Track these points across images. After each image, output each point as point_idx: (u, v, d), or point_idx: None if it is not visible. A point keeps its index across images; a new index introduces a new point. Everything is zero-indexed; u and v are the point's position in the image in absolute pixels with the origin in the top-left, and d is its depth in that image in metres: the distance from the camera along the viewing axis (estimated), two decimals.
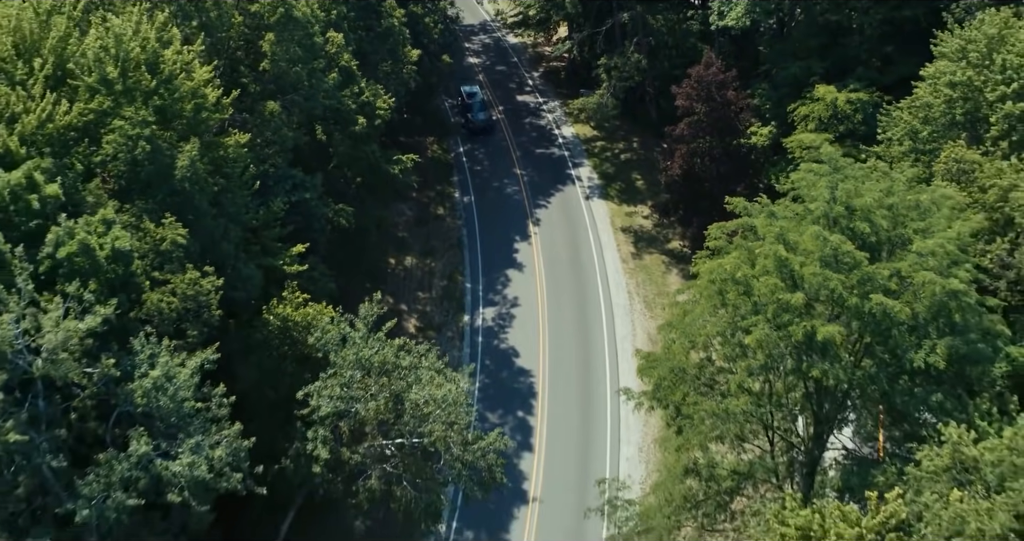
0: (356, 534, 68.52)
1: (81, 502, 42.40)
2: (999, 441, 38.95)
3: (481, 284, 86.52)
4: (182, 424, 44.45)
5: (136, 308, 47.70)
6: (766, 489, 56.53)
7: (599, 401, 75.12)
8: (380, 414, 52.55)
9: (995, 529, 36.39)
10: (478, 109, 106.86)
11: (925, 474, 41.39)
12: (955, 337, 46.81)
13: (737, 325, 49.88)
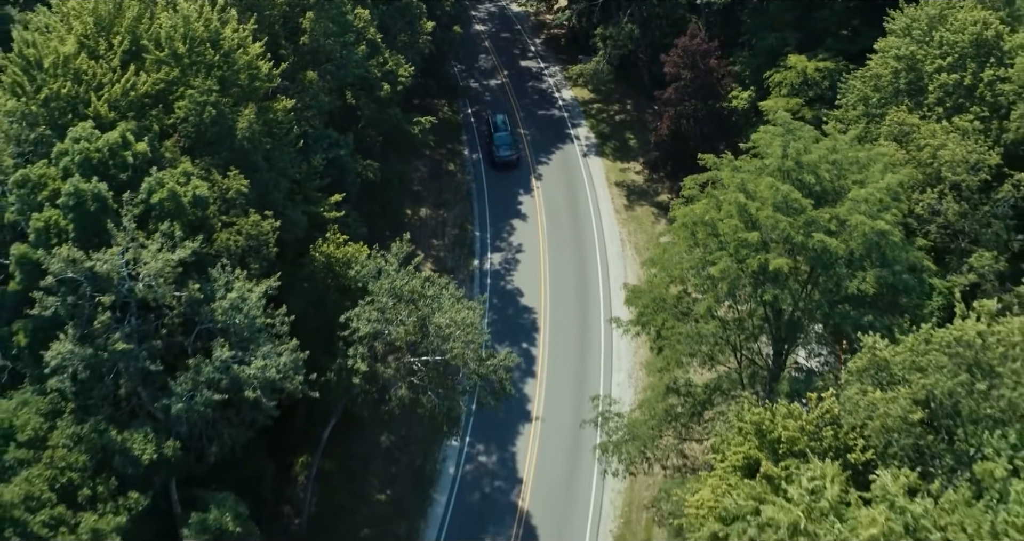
0: (382, 448, 79.57)
1: (174, 398, 52.79)
2: (903, 345, 49.33)
3: (489, 232, 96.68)
4: (253, 337, 54.79)
5: (209, 244, 57.82)
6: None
7: (594, 334, 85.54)
8: (409, 335, 62.93)
9: (897, 411, 46.78)
10: (503, 145, 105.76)
11: (849, 375, 51.77)
12: (883, 269, 57.10)
13: (706, 260, 60.21)
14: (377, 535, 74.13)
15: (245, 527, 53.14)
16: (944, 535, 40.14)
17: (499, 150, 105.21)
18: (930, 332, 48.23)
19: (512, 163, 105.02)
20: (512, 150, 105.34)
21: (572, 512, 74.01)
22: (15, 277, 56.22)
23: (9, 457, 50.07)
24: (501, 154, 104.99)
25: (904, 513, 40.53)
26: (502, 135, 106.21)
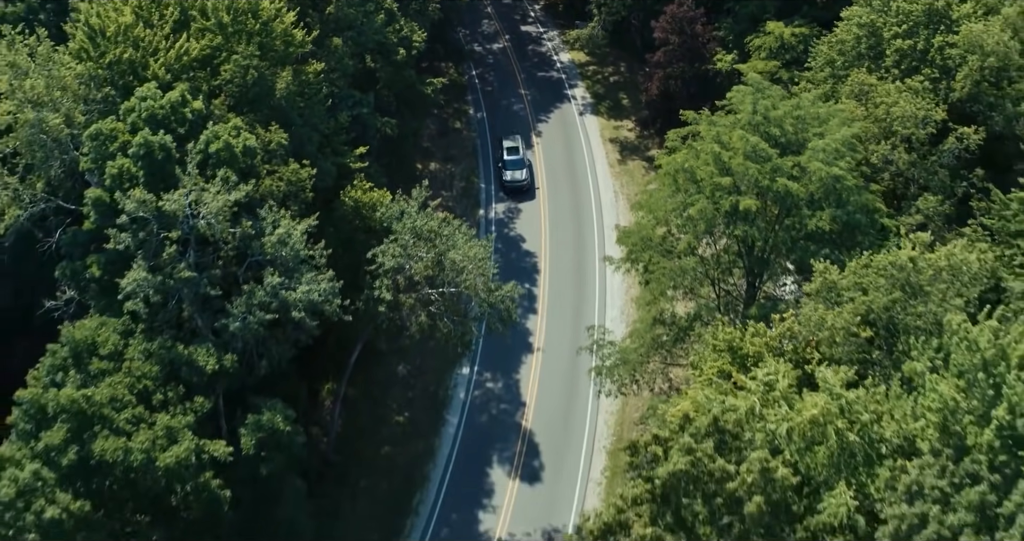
0: (399, 376, 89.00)
1: (231, 319, 61.97)
2: (848, 269, 58.66)
3: (493, 184, 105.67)
4: (296, 267, 63.91)
5: (257, 189, 66.76)
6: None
7: (589, 275, 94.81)
8: (427, 269, 72.13)
9: (841, 323, 56.13)
10: (513, 167, 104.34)
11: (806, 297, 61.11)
12: (839, 209, 66.35)
13: (686, 202, 69.43)
14: (397, 452, 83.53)
15: (293, 428, 62.42)
16: (872, 416, 49.59)
17: (509, 172, 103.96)
18: (870, 258, 57.58)
19: (522, 188, 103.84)
20: (524, 174, 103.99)
21: (570, 431, 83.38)
22: (90, 217, 65.29)
23: (94, 367, 59.14)
24: (509, 178, 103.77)
25: (840, 398, 49.95)
26: (515, 159, 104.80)
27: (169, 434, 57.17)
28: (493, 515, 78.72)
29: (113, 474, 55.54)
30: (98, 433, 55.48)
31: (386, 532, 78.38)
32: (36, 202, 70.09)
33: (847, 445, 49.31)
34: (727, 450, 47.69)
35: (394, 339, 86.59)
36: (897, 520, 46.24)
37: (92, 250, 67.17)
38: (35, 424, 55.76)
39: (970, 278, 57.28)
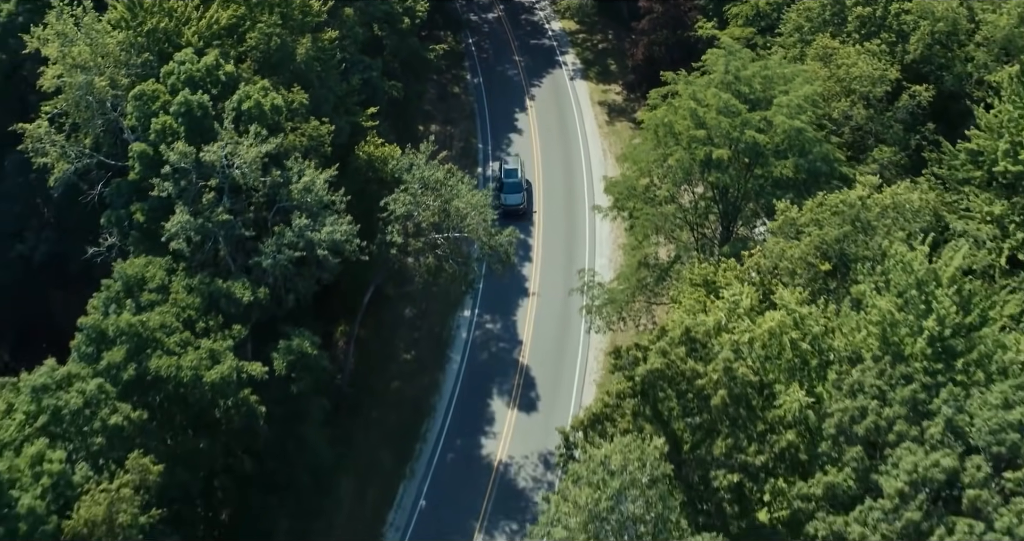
0: (405, 318, 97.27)
1: (263, 256, 70.10)
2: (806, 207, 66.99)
3: (490, 145, 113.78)
4: (320, 212, 71.98)
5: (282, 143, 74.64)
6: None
7: (580, 226, 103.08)
8: (434, 216, 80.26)
9: (798, 253, 64.39)
10: (511, 191, 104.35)
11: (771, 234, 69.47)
12: (801, 158, 74.63)
13: (666, 154, 77.66)
14: (405, 386, 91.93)
15: (319, 353, 70.74)
16: (822, 329, 58.03)
17: (506, 196, 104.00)
18: (824, 197, 65.93)
19: (519, 212, 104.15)
20: (520, 198, 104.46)
21: (563, 365, 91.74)
22: (134, 169, 73.26)
23: (144, 299, 67.22)
24: (508, 201, 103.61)
25: (795, 314, 58.38)
26: (513, 182, 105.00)
27: (212, 356, 65.28)
28: (494, 441, 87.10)
29: (166, 389, 63.71)
30: (152, 353, 63.61)
31: (397, 456, 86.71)
32: (82, 158, 77.90)
33: (800, 353, 57.81)
34: (697, 357, 56.08)
35: (401, 285, 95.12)
36: (840, 413, 54.65)
37: (134, 200, 75.08)
38: (96, 347, 63.86)
39: (912, 214, 65.67)
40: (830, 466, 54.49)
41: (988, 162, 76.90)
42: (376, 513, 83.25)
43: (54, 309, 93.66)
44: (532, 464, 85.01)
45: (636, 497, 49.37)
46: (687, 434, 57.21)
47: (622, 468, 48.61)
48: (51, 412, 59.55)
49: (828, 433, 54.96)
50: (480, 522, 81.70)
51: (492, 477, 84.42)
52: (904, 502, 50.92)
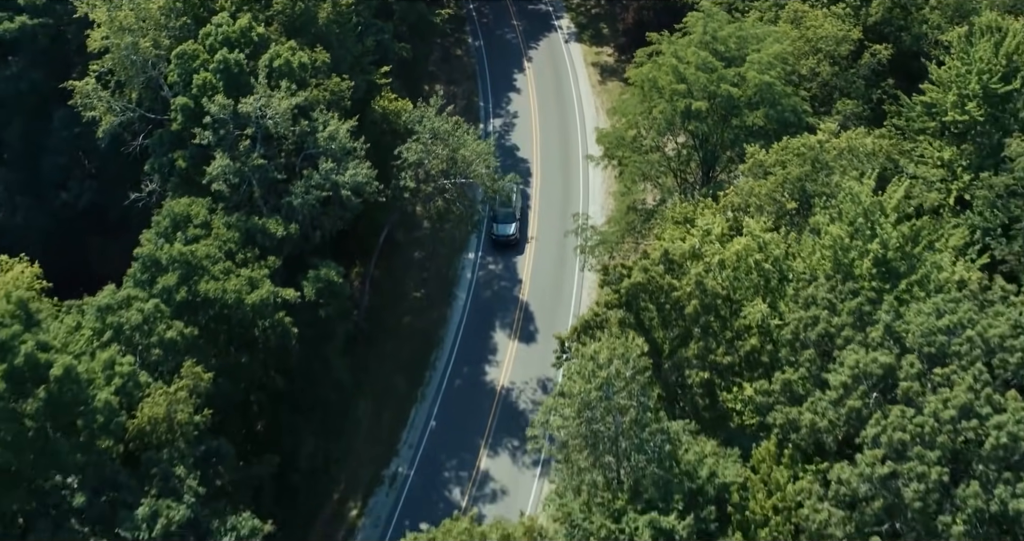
0: (415, 260, 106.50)
1: (294, 196, 79.19)
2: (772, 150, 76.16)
3: (491, 103, 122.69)
4: (343, 157, 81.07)
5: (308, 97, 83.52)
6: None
7: (574, 177, 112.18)
8: (442, 164, 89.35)
9: (765, 190, 73.59)
10: (504, 220, 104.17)
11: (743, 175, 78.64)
12: (771, 109, 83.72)
13: (650, 106, 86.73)
14: (415, 321, 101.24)
15: (343, 281, 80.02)
16: (783, 252, 67.32)
17: (498, 225, 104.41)
18: (788, 142, 75.14)
19: (509, 243, 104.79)
20: (513, 229, 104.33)
21: (559, 300, 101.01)
22: (176, 120, 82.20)
23: (190, 233, 76.25)
24: (499, 231, 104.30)
25: (759, 239, 67.69)
26: (507, 211, 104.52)
27: (251, 282, 74.48)
28: (497, 369, 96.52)
29: (213, 310, 72.90)
30: (200, 279, 72.77)
31: (409, 382, 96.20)
32: (125, 111, 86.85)
33: (763, 272, 67.16)
34: (674, 274, 65.39)
35: (410, 231, 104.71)
36: (796, 321, 63.99)
37: (175, 148, 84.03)
38: (151, 273, 73.02)
39: (865, 156, 74.89)
40: (787, 367, 63.86)
41: (940, 113, 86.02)
42: (391, 433, 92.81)
43: (91, 257, 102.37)
44: (531, 389, 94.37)
45: (620, 389, 58.66)
46: (666, 343, 66.54)
47: (608, 361, 57.92)
48: (114, 328, 68.72)
49: (785, 339, 64.37)
50: (485, 439, 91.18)
51: (495, 400, 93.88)
52: (847, 393, 60.30)
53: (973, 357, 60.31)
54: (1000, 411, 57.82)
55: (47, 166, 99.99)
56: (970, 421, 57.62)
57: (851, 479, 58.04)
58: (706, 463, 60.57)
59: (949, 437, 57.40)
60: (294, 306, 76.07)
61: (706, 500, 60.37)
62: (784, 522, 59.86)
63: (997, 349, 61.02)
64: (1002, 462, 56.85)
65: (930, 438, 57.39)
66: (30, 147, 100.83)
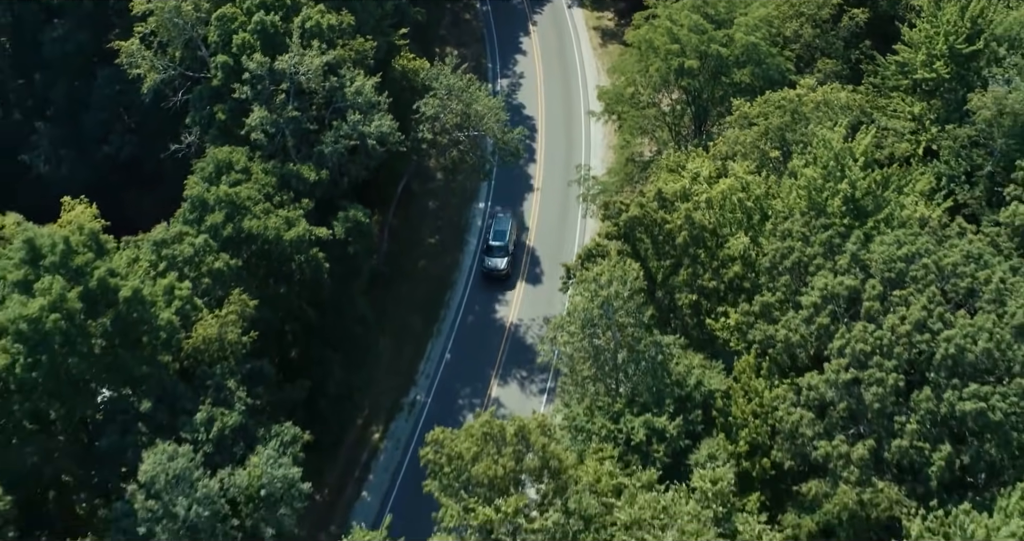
0: (429, 210, 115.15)
1: (325, 145, 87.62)
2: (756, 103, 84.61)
3: (498, 64, 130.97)
4: (369, 110, 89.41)
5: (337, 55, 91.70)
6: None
7: (577, 132, 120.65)
8: (456, 117, 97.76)
9: (749, 138, 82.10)
10: (496, 254, 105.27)
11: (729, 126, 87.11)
12: (757, 67, 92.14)
13: (647, 65, 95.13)
14: (430, 265, 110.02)
15: (369, 222, 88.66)
16: (763, 192, 75.95)
17: (488, 259, 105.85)
18: (769, 95, 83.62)
19: (500, 277, 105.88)
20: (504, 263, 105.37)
21: (563, 245, 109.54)
22: (216, 76, 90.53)
23: (233, 177, 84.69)
24: (489, 265, 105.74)
25: (742, 180, 76.29)
26: (499, 245, 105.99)
27: (288, 221, 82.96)
28: (506, 307, 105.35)
29: (255, 245, 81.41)
30: (243, 217, 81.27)
31: (426, 320, 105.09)
32: (167, 69, 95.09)
33: (746, 209, 75.84)
34: (666, 210, 74.06)
35: (425, 183, 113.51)
36: (774, 251, 72.67)
37: (215, 102, 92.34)
38: (199, 213, 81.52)
39: (840, 108, 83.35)
40: (766, 291, 72.64)
41: (911, 71, 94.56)
42: (409, 365, 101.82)
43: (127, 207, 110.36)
44: (537, 325, 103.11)
45: (619, 307, 67.44)
46: (659, 271, 75.28)
47: (608, 282, 66.66)
48: (168, 260, 77.37)
49: (764, 267, 73.13)
50: (495, 370, 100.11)
51: (504, 335, 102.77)
52: (817, 312, 69.12)
53: (928, 281, 69.06)
54: (950, 327, 66.58)
55: (90, 122, 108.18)
56: (923, 335, 66.45)
57: (819, 385, 66.96)
58: (694, 373, 69.44)
59: (905, 349, 66.23)
60: (325, 244, 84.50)
61: (693, 405, 69.27)
62: (762, 424, 68.73)
63: (950, 275, 69.78)
64: (951, 370, 65.68)
65: (888, 349, 66.24)
66: (73, 104, 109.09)
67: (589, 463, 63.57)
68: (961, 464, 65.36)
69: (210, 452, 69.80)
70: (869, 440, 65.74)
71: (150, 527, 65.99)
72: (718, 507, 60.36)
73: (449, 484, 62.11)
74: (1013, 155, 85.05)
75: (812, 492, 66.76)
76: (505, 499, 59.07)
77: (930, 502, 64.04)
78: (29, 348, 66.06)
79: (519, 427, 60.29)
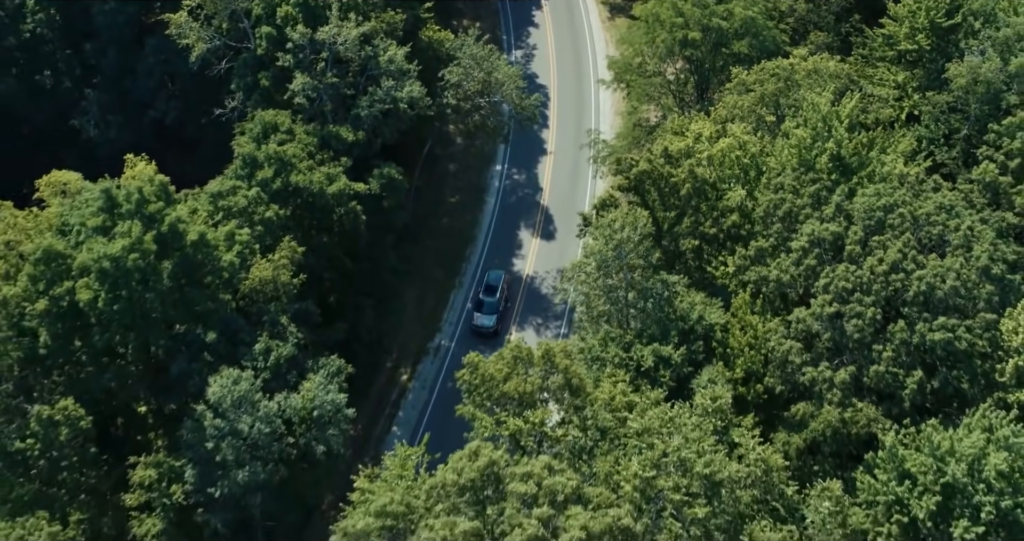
0: (450, 172, 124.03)
1: (361, 108, 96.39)
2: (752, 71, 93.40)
3: (512, 36, 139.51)
4: (400, 77, 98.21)
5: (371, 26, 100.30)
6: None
7: (587, 99, 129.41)
8: (478, 85, 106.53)
9: (746, 103, 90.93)
10: (486, 310, 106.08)
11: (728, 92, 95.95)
12: (754, 39, 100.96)
13: (653, 37, 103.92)
14: (452, 222, 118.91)
15: (402, 179, 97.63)
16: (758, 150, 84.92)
17: (478, 316, 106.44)
18: (764, 64, 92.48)
19: (489, 334, 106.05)
20: (492, 321, 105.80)
21: (575, 204, 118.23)
22: (261, 46, 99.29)
23: (278, 138, 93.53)
24: (479, 322, 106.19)
25: (739, 139, 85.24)
26: (490, 302, 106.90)
27: (329, 177, 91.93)
28: (523, 261, 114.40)
29: (300, 198, 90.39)
30: (290, 172, 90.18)
31: (448, 272, 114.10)
32: (213, 40, 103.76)
33: (743, 166, 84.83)
34: (672, 166, 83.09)
35: (446, 147, 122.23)
36: (767, 202, 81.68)
37: (258, 70, 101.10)
38: (250, 168, 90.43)
39: (828, 76, 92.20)
40: (760, 237, 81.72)
41: (896, 43, 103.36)
42: (434, 313, 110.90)
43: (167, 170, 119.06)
44: (551, 277, 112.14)
45: (630, 250, 76.54)
46: (665, 221, 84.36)
47: (621, 228, 75.78)
48: (224, 210, 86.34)
49: (758, 216, 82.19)
50: (513, 316, 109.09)
51: (522, 286, 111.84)
52: (805, 254, 78.20)
53: (903, 228, 78.10)
54: (922, 267, 75.62)
55: (137, 88, 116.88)
56: (898, 275, 75.51)
57: (806, 319, 76.11)
58: (696, 309, 78.61)
59: (882, 286, 75.29)
60: (362, 198, 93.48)
61: (695, 337, 78.47)
62: (756, 354, 77.95)
63: (924, 223, 78.79)
64: (922, 305, 74.81)
65: (867, 287, 75.34)
66: (121, 72, 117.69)
67: (604, 385, 72.70)
68: (932, 388, 74.43)
69: (268, 379, 78.80)
70: (850, 367, 74.82)
71: (217, 443, 74.99)
72: (717, 421, 69.46)
73: (482, 402, 71.24)
74: (986, 120, 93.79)
75: (800, 413, 75.91)
76: (532, 412, 68.27)
77: (903, 421, 73.18)
78: (110, 284, 75.05)
79: (545, 350, 69.40)
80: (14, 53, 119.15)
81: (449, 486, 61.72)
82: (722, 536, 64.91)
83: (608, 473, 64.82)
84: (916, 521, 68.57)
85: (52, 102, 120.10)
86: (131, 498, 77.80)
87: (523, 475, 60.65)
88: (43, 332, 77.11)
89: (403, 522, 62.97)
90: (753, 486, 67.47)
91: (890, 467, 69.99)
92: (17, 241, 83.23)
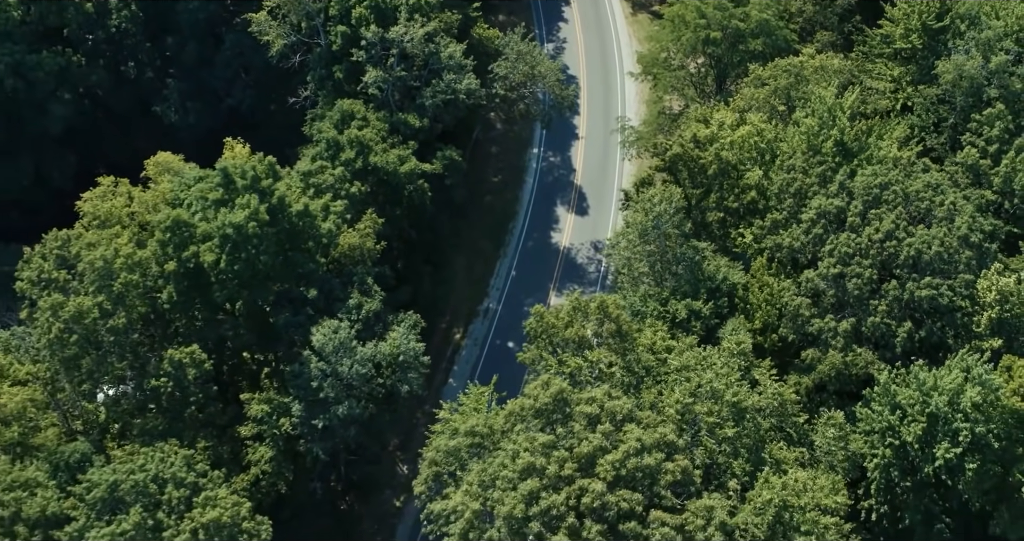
0: (493, 154, 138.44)
1: (425, 98, 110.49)
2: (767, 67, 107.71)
3: (544, 30, 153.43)
4: (459, 71, 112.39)
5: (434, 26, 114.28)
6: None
7: (614, 90, 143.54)
8: (523, 77, 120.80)
9: (762, 96, 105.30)
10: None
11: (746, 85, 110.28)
12: (768, 38, 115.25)
13: (678, 35, 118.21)
14: (495, 199, 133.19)
15: (461, 160, 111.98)
16: (773, 136, 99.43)
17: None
18: (777, 62, 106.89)
19: None
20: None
21: (605, 182, 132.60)
22: (336, 42, 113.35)
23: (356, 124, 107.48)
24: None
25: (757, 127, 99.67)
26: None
27: (400, 158, 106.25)
28: (560, 234, 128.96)
29: (376, 176, 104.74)
30: (368, 153, 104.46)
31: (494, 244, 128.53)
32: (290, 36, 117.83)
33: (759, 150, 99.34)
34: (700, 149, 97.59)
35: (487, 132, 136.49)
36: (780, 180, 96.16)
37: (332, 64, 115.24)
38: (333, 150, 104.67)
39: (833, 72, 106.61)
40: (774, 210, 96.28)
41: (892, 42, 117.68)
42: (481, 280, 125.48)
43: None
44: (587, 248, 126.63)
45: (666, 221, 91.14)
46: (694, 197, 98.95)
47: (659, 202, 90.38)
48: (314, 187, 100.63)
49: (773, 192, 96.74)
50: (552, 283, 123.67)
51: (559, 256, 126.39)
52: (813, 225, 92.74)
53: (896, 203, 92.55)
54: (912, 236, 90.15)
55: (215, 79, 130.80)
56: (891, 241, 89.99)
57: (814, 278, 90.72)
58: (721, 271, 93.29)
59: (878, 251, 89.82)
60: (427, 177, 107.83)
61: (721, 294, 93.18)
62: (771, 309, 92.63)
63: (913, 199, 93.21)
64: (912, 267, 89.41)
65: (865, 251, 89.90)
66: (200, 64, 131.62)
67: (646, 332, 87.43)
68: (919, 337, 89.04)
69: (360, 329, 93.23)
70: (851, 319, 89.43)
71: (320, 382, 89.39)
72: (741, 361, 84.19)
73: (545, 346, 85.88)
74: (970, 110, 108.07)
75: (809, 358, 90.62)
76: (589, 352, 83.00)
77: (895, 363, 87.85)
78: (231, 248, 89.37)
79: (600, 302, 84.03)
80: (101, 46, 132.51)
81: (526, 410, 76.37)
82: (747, 453, 79.71)
83: (653, 402, 79.45)
84: (905, 444, 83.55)
85: (134, 91, 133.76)
86: (245, 429, 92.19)
87: (588, 399, 75.42)
88: (169, 289, 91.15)
89: (487, 441, 77.68)
90: (771, 415, 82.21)
91: (884, 400, 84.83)
92: (139, 213, 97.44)
